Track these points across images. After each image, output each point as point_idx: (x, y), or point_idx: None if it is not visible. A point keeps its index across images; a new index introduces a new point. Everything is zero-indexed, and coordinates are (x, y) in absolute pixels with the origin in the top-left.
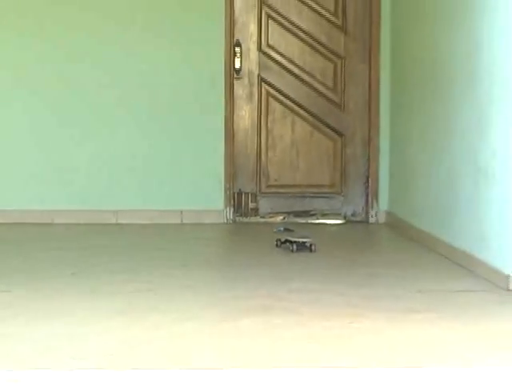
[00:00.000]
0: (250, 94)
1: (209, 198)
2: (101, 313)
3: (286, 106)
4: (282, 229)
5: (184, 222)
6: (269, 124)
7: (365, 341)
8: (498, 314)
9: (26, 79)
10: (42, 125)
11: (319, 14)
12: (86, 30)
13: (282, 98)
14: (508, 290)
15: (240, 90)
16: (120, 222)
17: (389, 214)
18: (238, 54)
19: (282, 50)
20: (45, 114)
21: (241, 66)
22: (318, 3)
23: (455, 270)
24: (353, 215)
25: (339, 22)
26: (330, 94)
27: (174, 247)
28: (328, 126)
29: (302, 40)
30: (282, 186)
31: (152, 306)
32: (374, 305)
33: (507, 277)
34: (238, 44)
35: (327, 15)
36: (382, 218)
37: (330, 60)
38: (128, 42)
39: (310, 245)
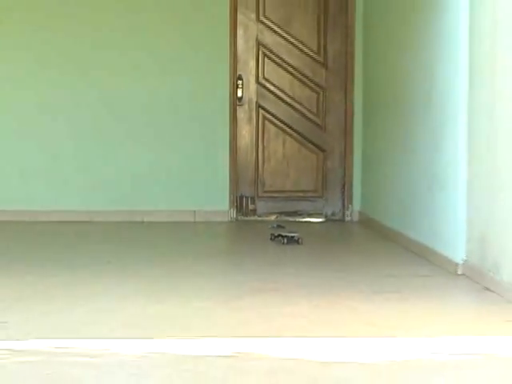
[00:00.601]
0: (250, 118)
1: (216, 200)
2: (131, 293)
3: (278, 127)
4: (275, 225)
5: (196, 220)
6: (265, 142)
7: (342, 316)
8: (449, 294)
9: (70, 101)
10: (83, 142)
11: (305, 53)
12: (117, 67)
13: (275, 120)
14: (457, 274)
15: (242, 114)
16: (145, 220)
17: (361, 213)
18: (240, 86)
19: (275, 82)
20: (86, 133)
21: (242, 95)
22: (303, 44)
23: (415, 259)
24: (332, 215)
25: (321, 60)
26: (313, 118)
27: (188, 240)
28: (312, 143)
29: (291, 74)
30: (275, 191)
31: (172, 287)
32: (350, 287)
33: (456, 264)
34: (240, 77)
35: (311, 54)
36: (355, 217)
37: (313, 90)
38: (156, 75)
39: (298, 238)
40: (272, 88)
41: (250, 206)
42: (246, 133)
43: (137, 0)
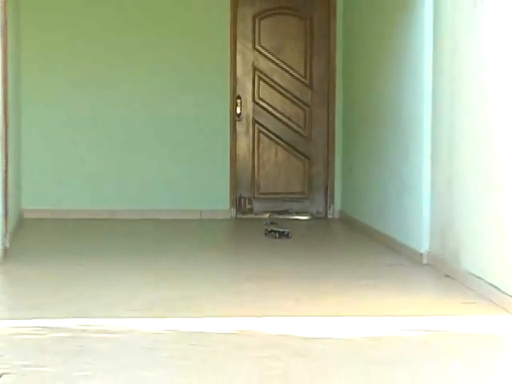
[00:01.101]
0: (247, 131)
1: (219, 201)
2: (145, 279)
3: (271, 139)
4: (268, 222)
5: (202, 217)
6: (259, 151)
7: (325, 298)
8: (415, 280)
9: (102, 119)
10: (108, 153)
11: (294, 76)
12: (138, 92)
13: (268, 133)
14: (422, 263)
15: (240, 128)
16: (158, 217)
17: (341, 212)
18: (239, 104)
19: (268, 101)
20: (111, 145)
21: (241, 112)
22: (292, 69)
23: (386, 251)
24: (316, 213)
25: (307, 82)
26: (300, 131)
27: (195, 235)
28: (299, 152)
29: (282, 94)
30: (268, 193)
31: (181, 275)
32: (331, 274)
33: (421, 254)
34: (239, 97)
35: (299, 77)
36: (336, 215)
37: (301, 108)
38: (169, 96)
39: (288, 233)
40: (266, 106)
41: (248, 206)
42: (243, 144)
43: (154, 35)
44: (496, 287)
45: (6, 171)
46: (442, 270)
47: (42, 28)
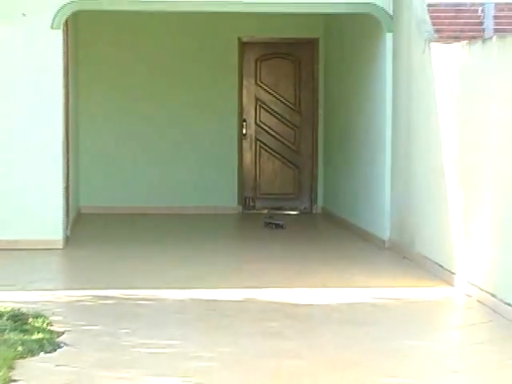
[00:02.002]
0: (251, 147)
1: (230, 199)
2: (172, 260)
3: (269, 152)
4: (267, 216)
5: (216, 212)
6: (260, 162)
7: (310, 274)
8: (378, 261)
9: (142, 135)
10: (148, 160)
11: (286, 104)
12: (168, 117)
13: (267, 148)
14: (384, 248)
15: (246, 144)
16: (183, 212)
17: (323, 208)
18: (245, 126)
19: (267, 123)
20: (149, 155)
21: (246, 132)
22: (285, 99)
23: (357, 238)
24: (304, 209)
25: (297, 109)
26: (291, 146)
27: (211, 226)
28: (291, 162)
29: (277, 118)
30: (267, 194)
31: (199, 258)
32: (316, 256)
33: (384, 241)
34: (245, 120)
35: (290, 105)
36: (319, 211)
37: (291, 128)
38: (192, 121)
39: (282, 225)
40: (265, 127)
41: (251, 204)
42: (248, 156)
43: (182, 74)
44: (441, 266)
45: (67, 175)
46: (401, 253)
47: (95, 66)
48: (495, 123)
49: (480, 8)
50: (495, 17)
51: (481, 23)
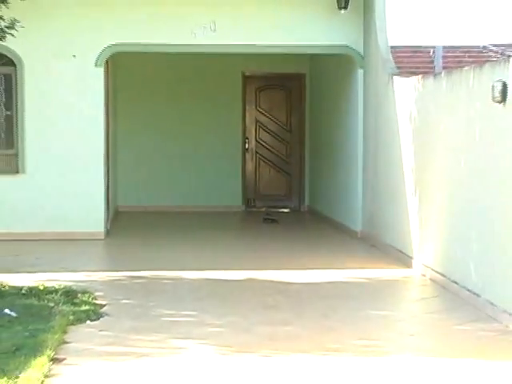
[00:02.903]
0: (252, 158)
1: (235, 200)
2: (191, 248)
3: (266, 163)
4: (265, 213)
5: (225, 210)
6: (259, 170)
7: (298, 258)
8: (353, 248)
9: (167, 149)
10: (174, 168)
11: (279, 125)
12: (185, 136)
13: (265, 159)
14: (357, 238)
15: (248, 156)
16: (197, 210)
17: (309, 207)
18: (247, 142)
19: (265, 140)
20: (171, 163)
21: (248, 147)
22: (279, 120)
23: (336, 231)
24: (294, 208)
25: (288, 129)
26: (284, 158)
27: (220, 221)
28: (283, 170)
29: (272, 136)
30: (265, 195)
31: (212, 244)
32: (302, 244)
33: (357, 232)
34: (247, 138)
35: (283, 126)
36: (306, 209)
37: (284, 144)
38: (204, 139)
39: (277, 220)
40: (263, 143)
41: (252, 203)
42: (250, 166)
43: (197, 102)
44: (401, 251)
45: (107, 182)
46: (370, 242)
47: (129, 93)
48: (442, 139)
49: (431, 50)
50: (443, 57)
51: (432, 62)
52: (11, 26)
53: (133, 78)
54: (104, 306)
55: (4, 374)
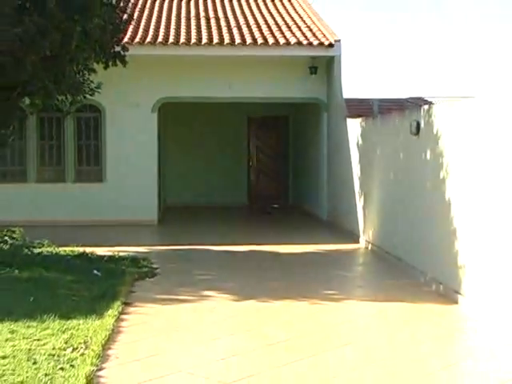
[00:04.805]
0: (254, 172)
1: (242, 199)
2: (214, 231)
3: (264, 174)
4: (263, 207)
5: (235, 206)
6: (259, 180)
7: (285, 237)
8: (322, 231)
9: (196, 166)
10: (199, 177)
11: (272, 150)
12: (202, 157)
13: (262, 172)
14: (324, 223)
15: (251, 171)
16: (218, 206)
17: (292, 203)
18: (251, 161)
19: (262, 160)
20: (192, 172)
21: (251, 164)
22: (272, 148)
23: (311, 219)
24: (282, 204)
25: (278, 152)
26: (275, 171)
27: (230, 214)
28: (275, 180)
29: (267, 157)
30: (264, 196)
31: (226, 228)
32: (287, 228)
33: (323, 220)
34: (251, 158)
35: (273, 150)
36: (290, 205)
37: (275, 163)
38: (217, 159)
39: (271, 212)
40: (262, 161)
41: (254, 201)
42: (252, 177)
43: (213, 135)
44: (353, 232)
45: (159, 185)
46: (332, 226)
47: (173, 129)
48: (379, 159)
49: (371, 101)
50: (379, 105)
51: (371, 109)
52: (98, 87)
53: (175, 119)
54: (157, 268)
55: (95, 312)
